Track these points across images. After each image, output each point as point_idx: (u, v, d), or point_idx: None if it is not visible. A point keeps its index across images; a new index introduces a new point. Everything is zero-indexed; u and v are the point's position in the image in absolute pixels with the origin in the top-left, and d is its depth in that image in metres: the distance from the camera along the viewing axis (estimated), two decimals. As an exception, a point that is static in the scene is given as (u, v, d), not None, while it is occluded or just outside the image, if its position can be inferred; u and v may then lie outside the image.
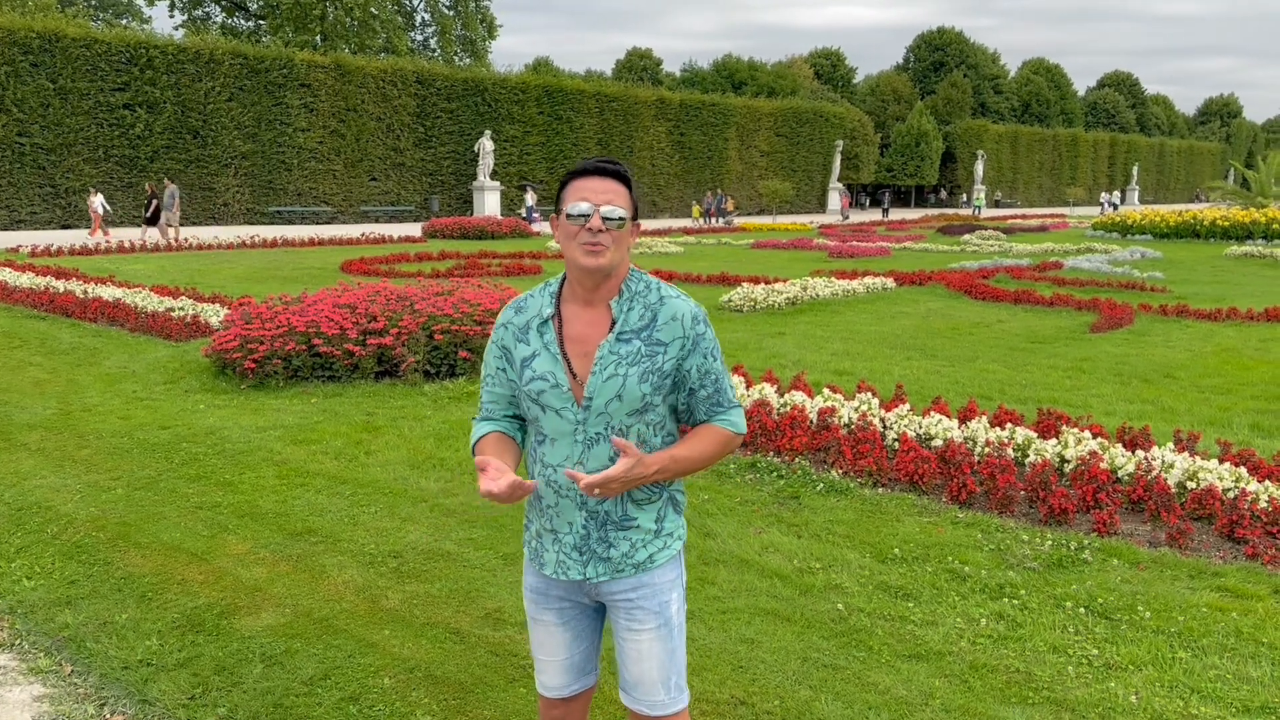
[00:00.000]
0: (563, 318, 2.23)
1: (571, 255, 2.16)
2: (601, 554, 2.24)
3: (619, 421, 2.17)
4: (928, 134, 72.04)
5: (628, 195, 2.19)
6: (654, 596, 2.28)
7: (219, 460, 6.27)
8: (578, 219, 2.14)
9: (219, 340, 8.56)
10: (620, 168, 2.20)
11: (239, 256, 22.64)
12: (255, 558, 4.72)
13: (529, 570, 2.38)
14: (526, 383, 2.20)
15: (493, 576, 4.47)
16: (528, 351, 2.22)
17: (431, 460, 6.23)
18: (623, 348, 2.17)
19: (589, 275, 2.16)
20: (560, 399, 2.18)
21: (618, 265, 2.18)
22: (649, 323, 2.19)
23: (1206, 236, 28.67)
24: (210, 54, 37.27)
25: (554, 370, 2.18)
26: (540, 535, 2.30)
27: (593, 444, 2.18)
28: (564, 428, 2.19)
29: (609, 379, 2.16)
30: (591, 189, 2.15)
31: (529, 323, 2.24)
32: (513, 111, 46.07)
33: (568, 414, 2.18)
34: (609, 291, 2.21)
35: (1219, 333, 11.56)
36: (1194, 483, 5.25)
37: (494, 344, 2.30)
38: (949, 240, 29.50)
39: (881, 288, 15.54)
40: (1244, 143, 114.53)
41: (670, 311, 2.20)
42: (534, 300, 2.27)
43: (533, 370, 2.20)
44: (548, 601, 2.34)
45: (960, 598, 4.22)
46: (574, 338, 2.21)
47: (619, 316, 2.20)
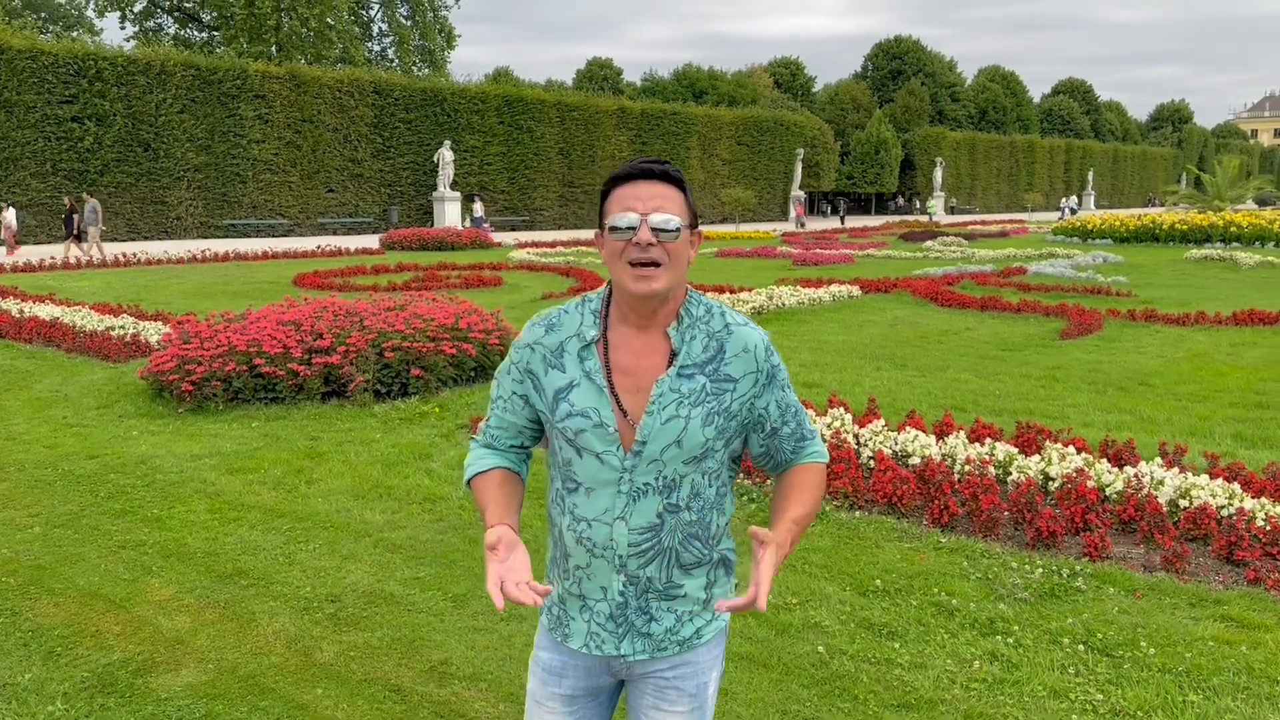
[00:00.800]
0: (610, 342, 1.84)
1: (619, 279, 1.79)
2: (641, 628, 1.85)
3: (672, 471, 1.80)
4: (887, 142, 72.31)
5: (682, 200, 1.81)
6: (694, 677, 1.91)
7: (148, 493, 5.82)
8: (623, 232, 1.76)
9: (155, 361, 8.09)
10: (670, 168, 1.82)
11: (189, 271, 22.00)
12: (179, 604, 4.29)
13: (544, 642, 1.97)
14: (561, 419, 1.82)
15: (440, 622, 4.08)
16: (563, 380, 1.83)
17: (378, 489, 5.82)
18: (684, 384, 1.80)
19: (643, 302, 1.79)
20: (604, 441, 1.79)
21: (676, 287, 1.81)
22: (714, 355, 1.82)
23: (1166, 240, 28.80)
24: (162, 65, 36.45)
25: (598, 406, 1.80)
26: (565, 601, 1.91)
27: (639, 497, 1.80)
28: (605, 475, 1.80)
29: (669, 421, 1.78)
30: (637, 195, 1.77)
31: (563, 344, 1.85)
32: (473, 121, 45.56)
33: (611, 459, 1.79)
34: (666, 316, 1.83)
35: (1189, 338, 11.40)
36: (1186, 501, 4.98)
37: (514, 365, 1.91)
38: (911, 247, 29.42)
39: (847, 295, 15.29)
40: (1195, 148, 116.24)
41: (740, 342, 1.84)
42: (569, 318, 1.87)
43: (570, 404, 1.81)
44: (560, 684, 1.93)
45: (949, 635, 3.89)
46: (623, 368, 1.82)
47: (680, 347, 1.82)
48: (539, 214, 48.24)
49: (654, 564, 1.83)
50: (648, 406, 1.79)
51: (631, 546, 1.81)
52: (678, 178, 1.81)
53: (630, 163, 1.83)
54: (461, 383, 8.53)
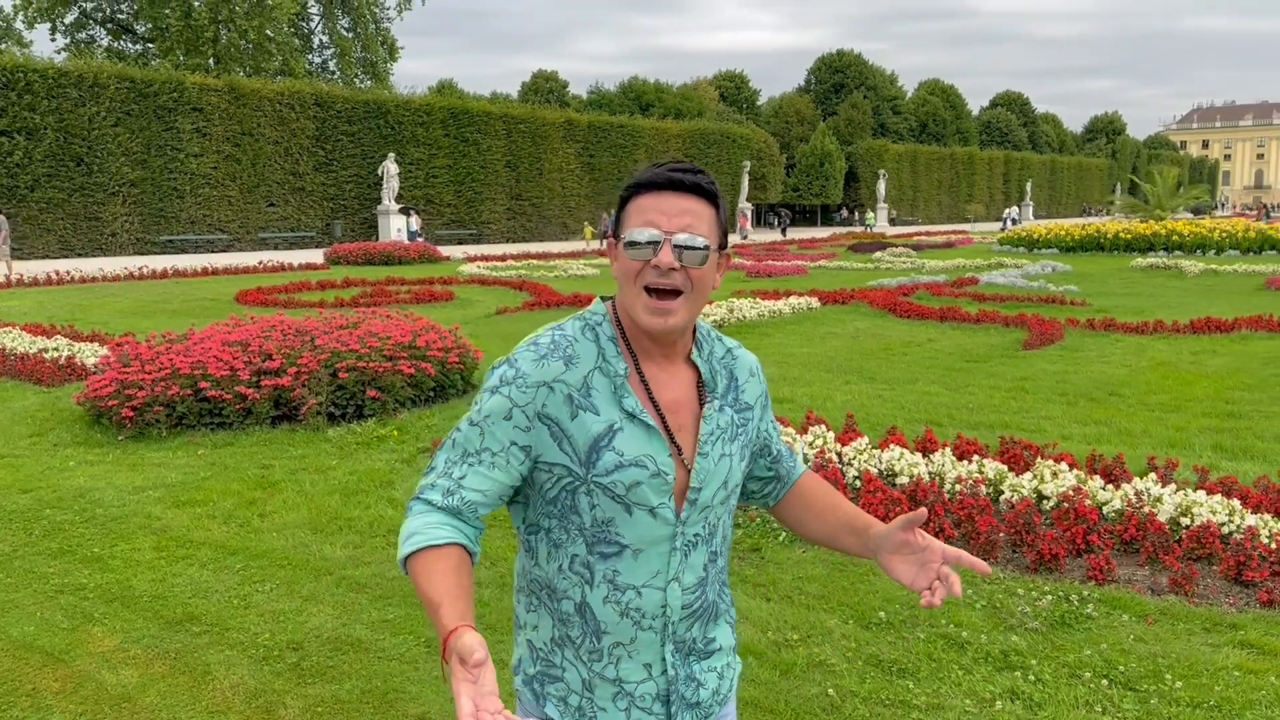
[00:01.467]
0: (643, 375, 1.57)
1: (631, 306, 1.53)
2: (690, 698, 1.61)
3: (715, 515, 1.60)
4: (831, 154, 72.93)
5: (714, 218, 1.55)
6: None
7: (88, 530, 5.39)
8: (642, 249, 1.50)
9: (93, 386, 7.62)
10: (704, 179, 1.54)
11: (126, 289, 21.25)
12: (125, 656, 3.91)
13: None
14: (607, 472, 1.50)
15: (414, 670, 3.75)
16: (600, 426, 1.51)
17: (337, 521, 5.46)
18: (720, 418, 1.60)
19: (662, 336, 1.55)
20: (661, 492, 1.52)
21: (694, 319, 1.56)
22: (729, 383, 1.65)
23: (1110, 249, 29.21)
24: (95, 78, 35.41)
25: (652, 452, 1.52)
26: (591, 687, 1.57)
27: (690, 550, 1.57)
28: (659, 533, 1.53)
29: (720, 459, 1.58)
30: (661, 209, 1.51)
31: (589, 380, 1.52)
32: (417, 134, 44.95)
33: (665, 513, 1.53)
34: (687, 343, 1.61)
35: (1150, 346, 11.39)
36: (1187, 519, 4.81)
37: (517, 408, 1.51)
38: (861, 258, 29.50)
39: (806, 307, 15.15)
40: (1128, 159, 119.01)
41: (746, 366, 1.69)
42: (584, 347, 1.55)
43: (618, 453, 1.50)
44: None
45: (964, 671, 3.65)
46: (667, 405, 1.56)
47: (710, 378, 1.60)
48: (486, 227, 47.72)
49: (698, 624, 1.61)
50: (700, 447, 1.55)
51: (684, 609, 1.57)
52: (711, 190, 1.54)
53: (658, 167, 1.54)
54: (420, 404, 8.17)
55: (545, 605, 1.60)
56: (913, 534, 1.57)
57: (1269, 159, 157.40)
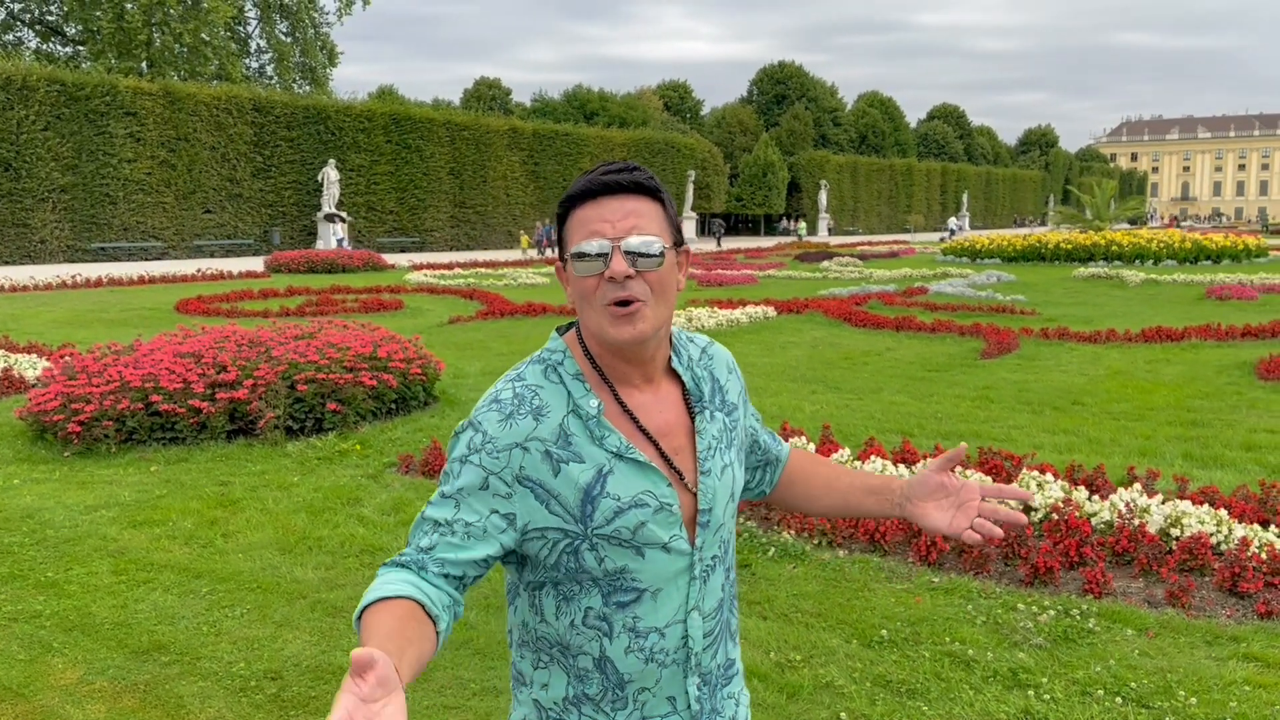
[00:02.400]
0: (623, 404, 1.42)
1: (597, 328, 1.37)
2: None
3: (729, 529, 1.49)
4: (774, 164, 73.47)
5: (661, 214, 1.40)
6: None
7: (39, 552, 5.09)
8: (592, 262, 1.35)
9: (36, 399, 7.26)
10: (642, 175, 1.39)
11: (58, 298, 20.53)
12: (90, 689, 3.66)
13: None
14: (606, 521, 1.36)
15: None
16: (589, 474, 1.36)
17: (306, 541, 5.22)
18: (713, 427, 1.48)
19: (633, 350, 1.39)
20: (669, 525, 1.39)
21: (664, 324, 1.40)
22: (713, 385, 1.52)
23: (1052, 259, 29.71)
24: (23, 80, 34.30)
25: (650, 487, 1.38)
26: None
27: (708, 576, 1.45)
28: (675, 567, 1.40)
29: (724, 471, 1.47)
30: (604, 217, 1.36)
31: (563, 428, 1.37)
32: (359, 140, 44.30)
33: (679, 544, 1.40)
34: (664, 355, 1.47)
35: (1105, 355, 11.53)
36: (1177, 530, 4.79)
37: (491, 475, 1.35)
38: (809, 267, 29.67)
39: (763, 316, 15.12)
40: (1061, 171, 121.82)
41: (723, 363, 1.56)
42: (549, 393, 1.39)
43: (614, 499, 1.37)
44: None
45: (974, 690, 3.56)
46: (657, 431, 1.43)
47: (693, 385, 1.48)
48: (430, 235, 47.18)
49: (718, 646, 1.49)
50: (700, 465, 1.43)
51: (706, 637, 1.46)
52: (652, 186, 1.40)
53: (590, 174, 1.39)
54: (382, 416, 7.93)
55: (558, 662, 1.44)
56: (949, 475, 1.52)
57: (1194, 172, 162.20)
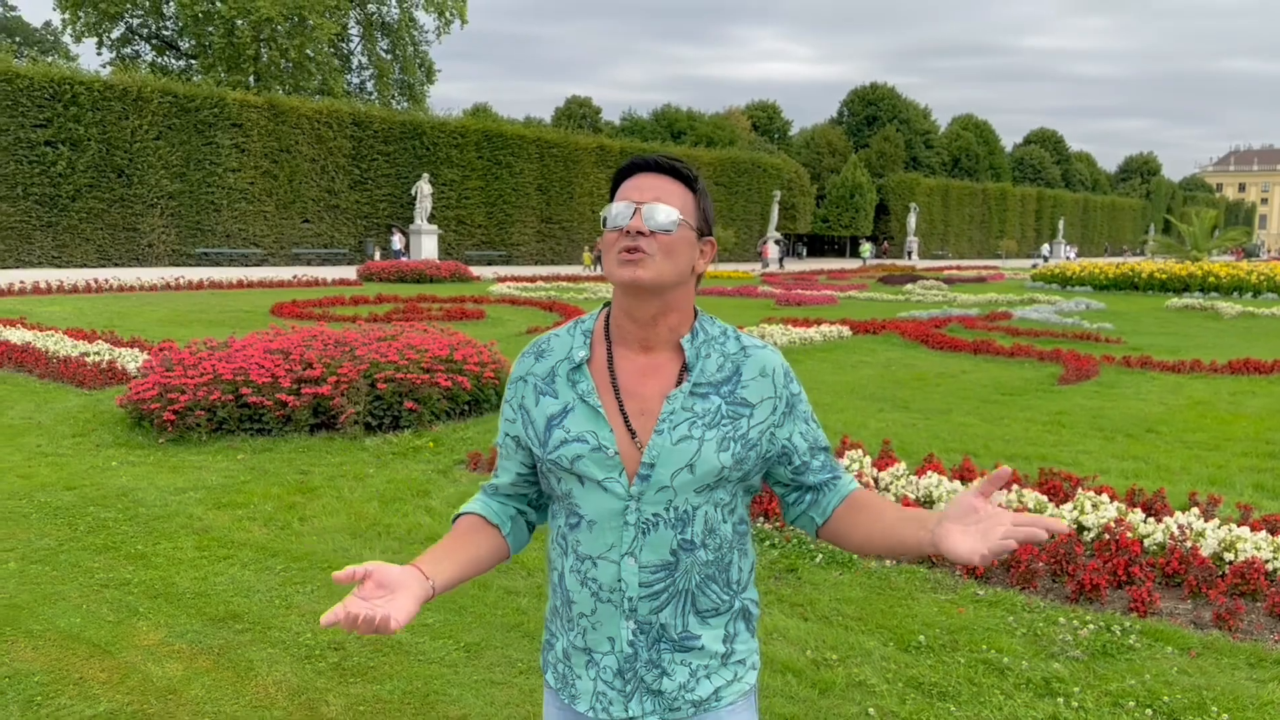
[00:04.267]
0: (612, 360, 1.64)
1: (609, 270, 1.60)
2: (651, 684, 1.61)
3: (684, 501, 1.58)
4: (862, 186, 72.99)
5: (688, 197, 1.62)
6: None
7: (131, 527, 5.46)
8: (617, 218, 1.58)
9: (136, 389, 7.73)
10: (680, 164, 1.63)
11: (163, 299, 21.53)
12: (169, 650, 3.96)
13: (553, 710, 1.71)
14: (554, 448, 1.62)
15: (453, 673, 3.77)
16: (555, 407, 1.64)
17: (375, 527, 5.50)
18: (698, 403, 1.60)
19: (633, 296, 1.59)
20: (604, 466, 1.58)
21: (669, 286, 1.59)
22: (730, 376, 1.63)
23: (1145, 289, 28.97)
24: (138, 91, 36.08)
25: (595, 429, 1.60)
26: (569, 656, 1.67)
27: (649, 529, 1.58)
28: (609, 506, 1.58)
29: (680, 441, 1.57)
30: (635, 187, 1.61)
31: (554, 369, 1.66)
32: (451, 155, 45.42)
33: (615, 487, 1.58)
34: (671, 328, 1.63)
35: (1187, 385, 11.30)
36: (1231, 554, 4.77)
37: (507, 403, 1.72)
38: (891, 290, 29.44)
39: (838, 336, 15.13)
40: (1163, 199, 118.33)
41: (758, 365, 1.65)
42: (560, 341, 1.69)
43: (565, 430, 1.61)
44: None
45: (1004, 696, 3.63)
46: (626, 390, 1.62)
47: (694, 363, 1.62)
48: (516, 249, 48.04)
49: (668, 609, 1.61)
50: (657, 425, 1.59)
51: (643, 587, 1.59)
52: (687, 174, 1.63)
53: (638, 155, 1.65)
54: (455, 416, 8.23)
55: (549, 578, 1.72)
56: (984, 500, 1.48)
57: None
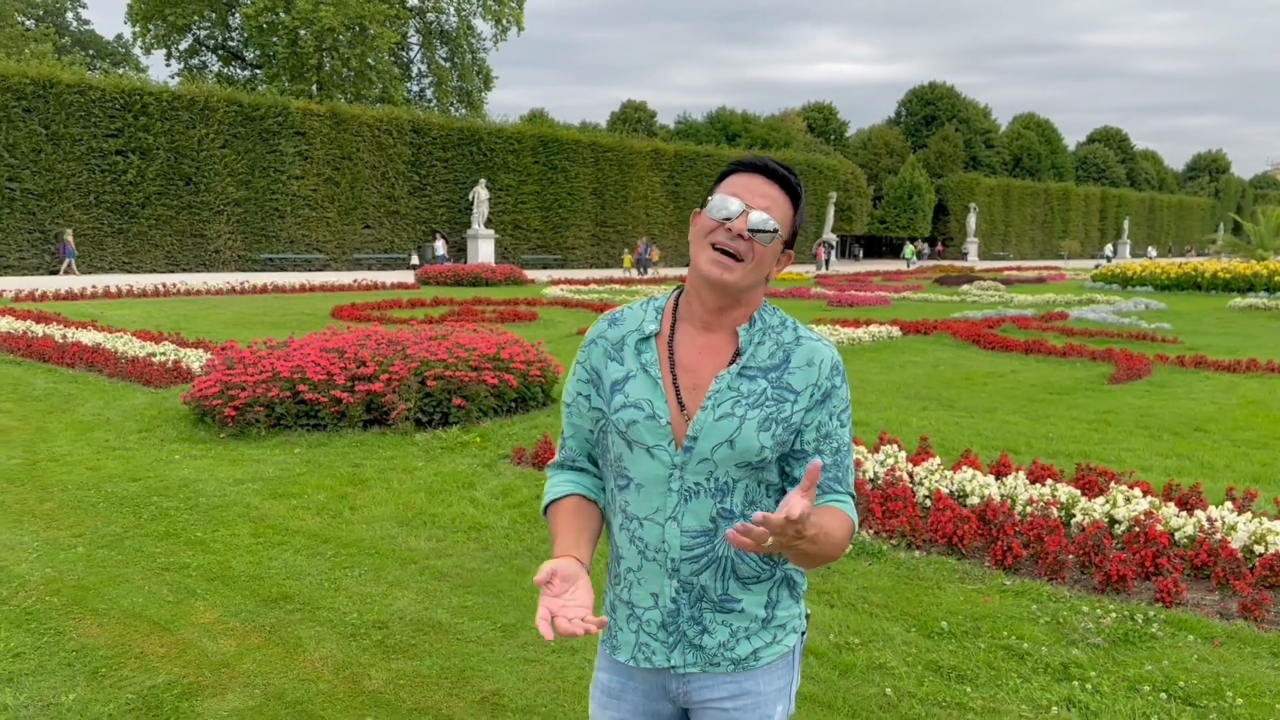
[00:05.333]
0: (675, 337, 1.78)
1: (696, 259, 1.73)
2: (693, 639, 1.76)
3: (724, 473, 1.71)
4: (920, 186, 72.28)
5: (790, 212, 1.75)
6: (755, 709, 1.78)
7: (191, 516, 5.75)
8: (723, 210, 1.71)
9: (198, 386, 8.07)
10: (794, 176, 1.76)
11: (228, 302, 22.18)
12: (224, 628, 4.20)
13: (604, 660, 1.87)
14: (615, 410, 1.76)
15: (490, 651, 3.96)
16: (620, 373, 1.78)
17: (422, 517, 5.73)
18: (745, 384, 1.73)
19: (712, 290, 1.73)
20: (655, 434, 1.72)
21: (750, 289, 1.75)
22: (781, 362, 1.75)
23: (1208, 289, 28.39)
24: (205, 101, 37.09)
25: (651, 398, 1.74)
26: (615, 608, 1.81)
27: (690, 497, 1.72)
28: (656, 472, 1.72)
29: (722, 418, 1.70)
30: (748, 188, 1.72)
31: (624, 338, 1.80)
32: (508, 161, 45.97)
33: (662, 454, 1.72)
34: (735, 318, 1.77)
35: (1241, 385, 11.14)
36: (1261, 546, 4.78)
37: (580, 364, 1.85)
38: (947, 290, 29.21)
39: (887, 336, 15.12)
40: (1233, 198, 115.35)
41: (808, 354, 1.76)
42: (633, 313, 1.83)
43: (625, 396, 1.75)
44: (618, 707, 1.83)
45: (1022, 680, 3.72)
46: (683, 365, 1.76)
47: (746, 348, 1.75)
48: (571, 252, 48.44)
49: (708, 572, 1.74)
50: (704, 402, 1.72)
51: (684, 550, 1.73)
52: (796, 188, 1.75)
53: (756, 156, 1.77)
54: (502, 413, 8.45)
55: (607, 534, 1.87)
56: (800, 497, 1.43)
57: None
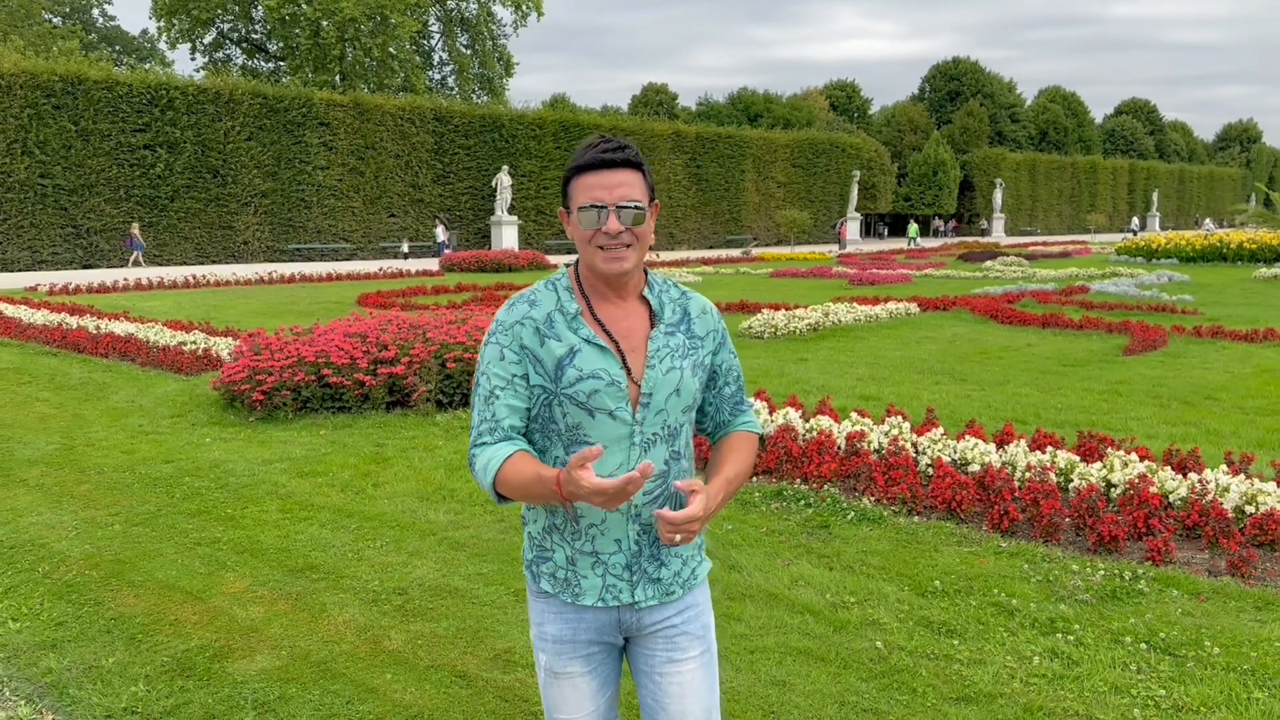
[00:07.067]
0: (594, 312, 1.97)
1: (590, 261, 1.93)
2: (652, 574, 1.98)
3: (674, 419, 1.96)
4: (945, 163, 71.78)
5: (643, 181, 1.93)
6: (697, 619, 2.05)
7: (221, 494, 6.02)
8: (591, 218, 1.88)
9: (227, 372, 8.34)
10: (630, 153, 1.91)
11: (256, 292, 22.57)
12: (253, 596, 4.45)
13: (549, 615, 2.03)
14: (569, 384, 1.89)
15: (503, 614, 4.18)
16: (562, 349, 1.91)
17: (441, 491, 5.96)
18: (670, 340, 1.98)
19: (615, 278, 1.94)
20: (617, 398, 1.90)
21: (641, 262, 1.96)
22: (682, 317, 2.02)
23: (1234, 260, 28.17)
24: (230, 94, 37.52)
25: (606, 366, 1.91)
26: (574, 562, 1.98)
27: (649, 446, 1.93)
28: (619, 431, 1.91)
29: (669, 372, 1.94)
30: (603, 184, 1.88)
31: (550, 316, 1.94)
32: (530, 147, 46.17)
33: (623, 414, 1.91)
34: (637, 284, 2.00)
35: (1257, 354, 11.18)
36: (1252, 507, 4.91)
37: (505, 347, 1.93)
38: (970, 267, 29.16)
39: (905, 313, 15.21)
40: (1265, 167, 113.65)
41: (699, 305, 2.06)
42: (545, 295, 1.98)
43: (578, 369, 1.90)
44: (575, 649, 2.02)
45: (1009, 633, 3.89)
46: (617, 331, 1.95)
47: (660, 309, 1.98)
48: (595, 237, 48.57)
49: (663, 508, 1.95)
50: (648, 361, 1.93)
51: (645, 494, 1.93)
52: (638, 161, 1.92)
53: (590, 149, 1.90)
54: (521, 394, 8.67)
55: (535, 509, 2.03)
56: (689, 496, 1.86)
57: None
